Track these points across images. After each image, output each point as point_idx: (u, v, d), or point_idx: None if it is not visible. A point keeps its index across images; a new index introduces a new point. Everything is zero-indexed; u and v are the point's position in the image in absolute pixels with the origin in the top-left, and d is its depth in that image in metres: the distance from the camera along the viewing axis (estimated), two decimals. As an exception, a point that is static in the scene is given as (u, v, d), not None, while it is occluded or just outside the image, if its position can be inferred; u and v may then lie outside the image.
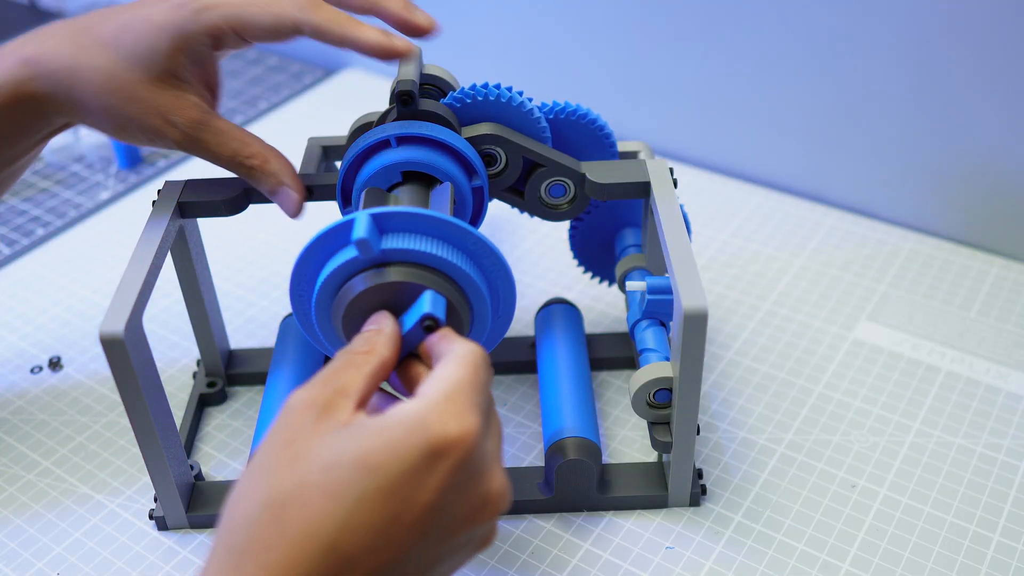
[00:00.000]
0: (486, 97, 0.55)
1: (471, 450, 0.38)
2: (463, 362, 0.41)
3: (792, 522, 0.56)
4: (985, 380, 0.65)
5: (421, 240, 0.46)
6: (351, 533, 0.35)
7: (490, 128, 0.55)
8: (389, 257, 0.46)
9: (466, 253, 0.48)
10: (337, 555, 0.35)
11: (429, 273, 0.47)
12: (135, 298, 0.48)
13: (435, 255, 0.46)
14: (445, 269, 0.47)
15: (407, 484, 0.36)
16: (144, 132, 0.52)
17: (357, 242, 0.45)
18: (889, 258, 0.76)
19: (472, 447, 0.38)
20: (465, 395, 0.39)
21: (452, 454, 0.37)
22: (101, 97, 0.51)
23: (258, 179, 0.54)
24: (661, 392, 0.53)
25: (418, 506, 0.36)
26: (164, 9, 0.51)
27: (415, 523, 0.37)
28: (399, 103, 0.53)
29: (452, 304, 0.47)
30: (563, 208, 0.58)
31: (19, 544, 0.56)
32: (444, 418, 0.37)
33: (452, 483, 0.37)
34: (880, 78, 0.74)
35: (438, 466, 0.37)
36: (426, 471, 0.36)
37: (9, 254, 0.79)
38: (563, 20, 0.87)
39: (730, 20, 0.78)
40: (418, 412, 0.38)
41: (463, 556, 0.41)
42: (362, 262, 0.46)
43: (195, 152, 0.53)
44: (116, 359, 0.48)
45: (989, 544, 0.54)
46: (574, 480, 0.55)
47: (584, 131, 0.58)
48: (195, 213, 0.56)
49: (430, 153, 0.52)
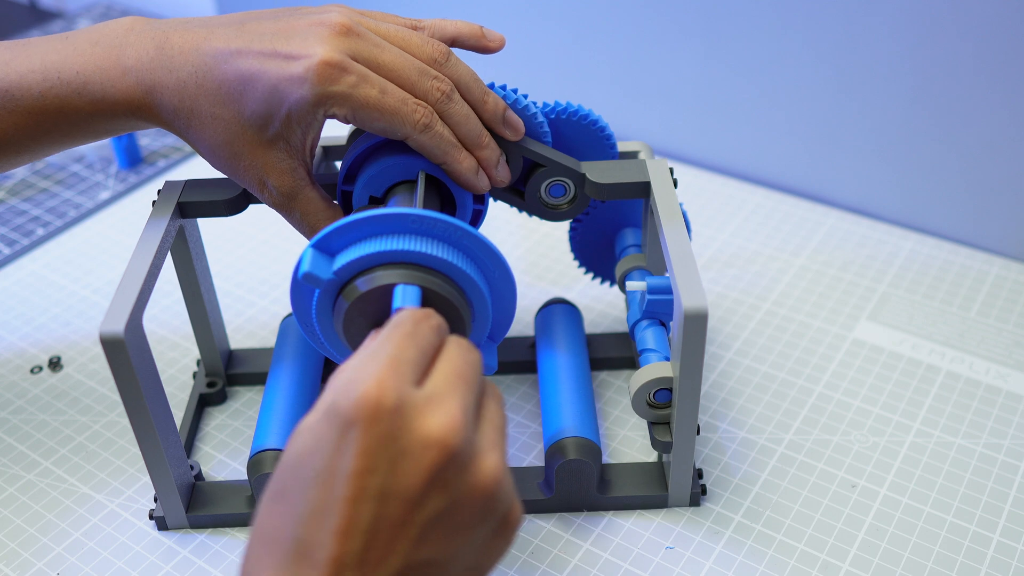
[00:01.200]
0: None
1: (377, 406, 0.36)
2: (384, 330, 0.40)
3: (792, 522, 0.56)
4: (985, 380, 0.65)
5: (375, 243, 0.46)
6: (308, 525, 0.36)
7: None
8: (353, 270, 0.46)
9: (439, 239, 0.47)
10: (303, 547, 0.35)
11: (410, 270, 0.46)
12: (135, 298, 0.48)
13: (389, 251, 0.46)
14: (419, 261, 0.46)
15: (333, 464, 0.36)
16: (241, 184, 0.53)
17: (304, 278, 0.46)
18: (889, 258, 0.76)
19: (377, 403, 0.36)
20: (369, 357, 0.38)
21: (360, 417, 0.36)
22: (212, 146, 0.52)
23: None
24: (661, 392, 0.53)
25: (354, 475, 0.35)
26: (295, 74, 0.48)
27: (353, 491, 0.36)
28: None
29: (434, 291, 0.46)
30: (563, 208, 0.58)
31: (19, 544, 0.56)
32: (343, 388, 0.37)
33: (376, 440, 0.36)
34: (880, 78, 0.74)
35: (350, 435, 0.36)
36: (343, 444, 0.36)
37: (9, 254, 0.79)
38: (563, 20, 0.87)
39: (730, 20, 0.78)
40: (328, 397, 0.37)
41: (481, 545, 0.39)
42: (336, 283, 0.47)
43: (287, 218, 0.53)
44: (116, 359, 0.48)
45: (989, 544, 0.54)
46: (574, 480, 0.55)
47: (584, 131, 0.58)
48: (195, 213, 0.56)
49: None
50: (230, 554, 0.55)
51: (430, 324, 0.41)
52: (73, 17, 1.16)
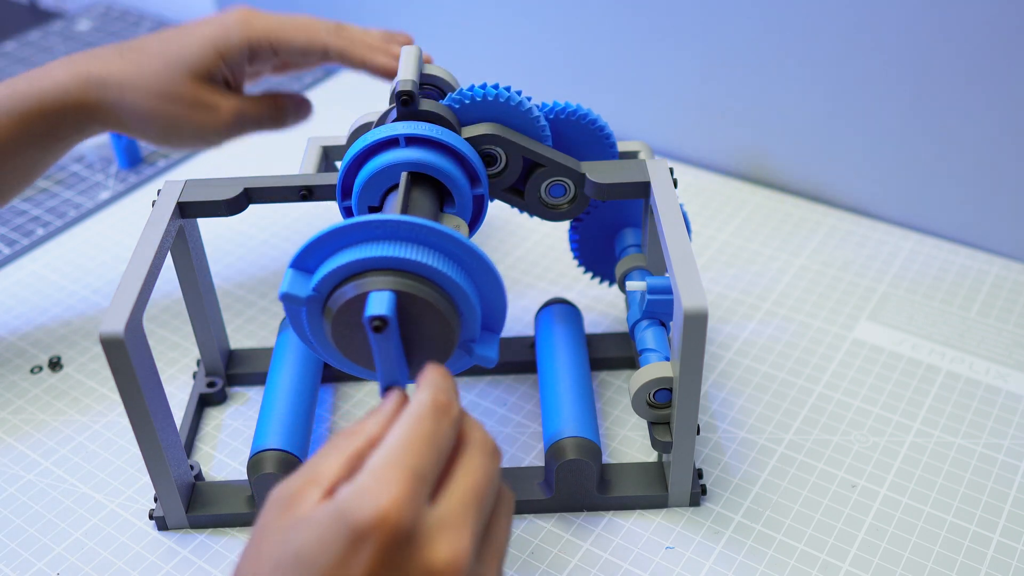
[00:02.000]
0: (485, 98, 0.55)
1: (396, 527, 0.35)
2: (402, 423, 0.39)
3: (792, 522, 0.56)
4: (985, 380, 0.65)
5: (345, 254, 0.46)
6: None
7: (490, 128, 0.55)
8: (331, 284, 0.46)
9: (408, 241, 0.46)
10: None
11: (383, 276, 0.46)
12: (135, 298, 0.48)
13: (359, 260, 0.46)
14: (390, 265, 0.46)
15: (339, 571, 0.35)
16: (190, 126, 0.61)
17: (284, 298, 0.46)
18: (889, 258, 0.76)
19: (396, 524, 0.35)
20: (392, 464, 0.37)
21: (374, 536, 0.35)
22: (151, 99, 0.59)
23: None
24: (661, 392, 0.53)
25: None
26: (210, 24, 0.61)
27: None
28: (399, 103, 0.53)
29: (409, 294, 0.45)
30: (563, 208, 0.58)
31: (19, 544, 0.56)
32: (361, 500, 0.36)
33: (382, 564, 0.35)
34: (880, 78, 0.74)
35: (362, 550, 0.35)
36: (352, 558, 0.35)
37: (9, 254, 0.79)
38: (563, 20, 0.87)
39: (730, 20, 0.78)
40: (341, 496, 0.37)
41: None
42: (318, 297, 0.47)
43: (238, 133, 0.64)
44: (116, 359, 0.48)
45: (989, 544, 0.54)
46: (574, 480, 0.55)
47: (584, 131, 0.58)
48: (195, 213, 0.56)
49: (430, 154, 0.52)
50: (230, 554, 0.55)
51: (450, 419, 0.40)
52: (73, 17, 1.16)
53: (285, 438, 0.56)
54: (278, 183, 0.57)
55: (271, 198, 0.57)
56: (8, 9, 1.25)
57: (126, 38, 1.11)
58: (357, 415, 0.64)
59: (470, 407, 0.64)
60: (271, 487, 0.46)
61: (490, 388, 0.65)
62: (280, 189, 0.57)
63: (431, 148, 0.53)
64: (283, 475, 0.53)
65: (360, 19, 0.98)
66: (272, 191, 0.57)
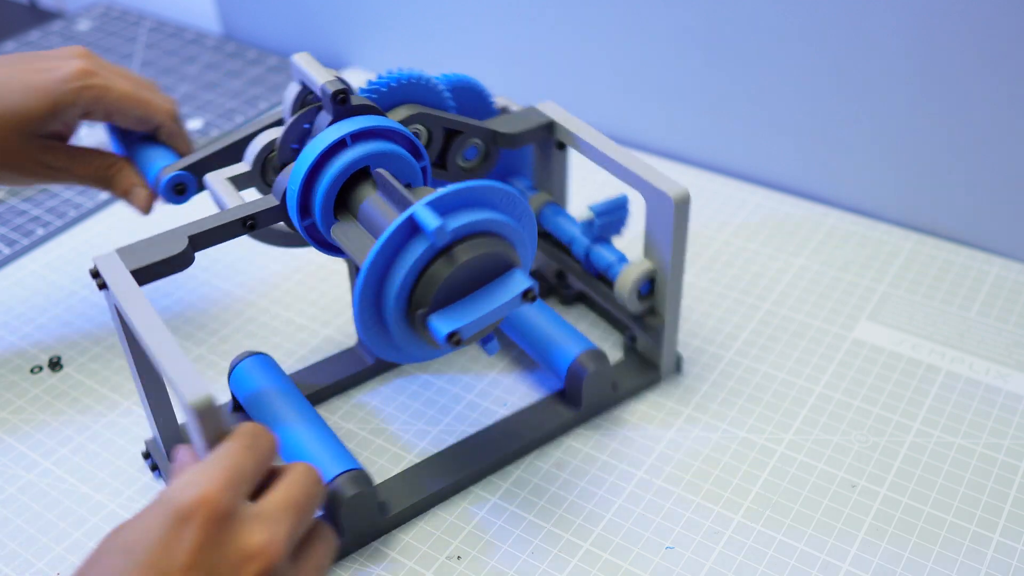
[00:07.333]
0: (399, 82, 0.59)
1: (216, 508, 0.40)
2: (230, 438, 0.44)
3: (792, 522, 0.56)
4: (985, 380, 0.65)
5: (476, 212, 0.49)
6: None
7: (412, 109, 0.59)
8: (458, 235, 0.48)
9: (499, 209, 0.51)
10: None
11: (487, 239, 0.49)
12: (186, 362, 0.46)
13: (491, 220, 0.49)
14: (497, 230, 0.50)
15: (161, 553, 0.39)
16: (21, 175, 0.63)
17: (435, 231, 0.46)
18: (889, 258, 0.76)
19: (216, 506, 0.40)
20: (211, 463, 0.42)
21: (197, 515, 0.39)
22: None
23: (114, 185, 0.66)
24: (644, 284, 0.61)
25: (179, 569, 0.38)
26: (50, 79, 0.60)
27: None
28: (336, 103, 0.54)
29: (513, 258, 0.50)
30: (477, 168, 0.63)
31: (19, 544, 0.56)
32: (183, 486, 0.40)
33: (207, 540, 0.39)
34: (880, 78, 0.74)
35: (186, 530, 0.39)
36: (176, 536, 0.39)
37: (9, 254, 0.79)
38: (563, 21, 0.87)
39: (730, 20, 0.78)
40: (165, 490, 0.41)
41: None
42: (433, 249, 0.48)
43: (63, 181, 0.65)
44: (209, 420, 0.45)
45: (989, 544, 0.54)
46: (598, 387, 0.61)
47: (472, 95, 0.63)
48: (148, 279, 0.52)
49: (383, 144, 0.54)
50: (230, 554, 0.55)
51: (269, 438, 0.45)
52: (73, 17, 1.16)
53: (343, 460, 0.53)
54: (219, 221, 0.54)
55: (218, 238, 0.54)
56: (8, 9, 1.25)
57: (126, 38, 1.11)
58: (345, 427, 0.64)
59: (471, 407, 0.64)
60: None
61: (475, 382, 0.65)
62: (225, 227, 0.54)
63: (378, 139, 0.54)
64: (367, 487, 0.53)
65: (361, 18, 0.98)
66: (216, 232, 0.54)
